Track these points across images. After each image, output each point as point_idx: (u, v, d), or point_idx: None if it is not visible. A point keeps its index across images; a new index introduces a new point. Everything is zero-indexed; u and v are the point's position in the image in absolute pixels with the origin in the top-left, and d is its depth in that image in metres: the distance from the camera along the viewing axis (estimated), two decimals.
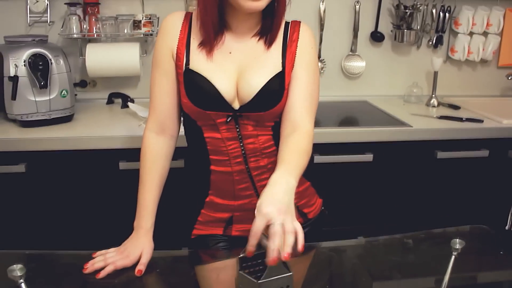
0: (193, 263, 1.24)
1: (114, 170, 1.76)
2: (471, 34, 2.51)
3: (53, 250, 1.20)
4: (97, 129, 1.84)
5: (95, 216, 1.83)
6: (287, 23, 1.25)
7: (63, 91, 1.90)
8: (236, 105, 1.19)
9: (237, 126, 1.20)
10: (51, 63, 1.86)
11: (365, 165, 1.96)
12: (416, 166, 2.02)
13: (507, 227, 2.27)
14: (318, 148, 1.78)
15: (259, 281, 0.87)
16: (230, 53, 1.20)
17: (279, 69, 1.20)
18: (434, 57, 2.41)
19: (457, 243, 1.19)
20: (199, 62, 1.18)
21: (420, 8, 2.42)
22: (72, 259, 1.16)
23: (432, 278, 1.13)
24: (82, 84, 2.27)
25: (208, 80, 1.17)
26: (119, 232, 1.18)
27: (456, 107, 2.35)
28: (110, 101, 2.25)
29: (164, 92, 1.22)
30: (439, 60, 2.40)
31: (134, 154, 1.76)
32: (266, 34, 1.21)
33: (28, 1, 2.12)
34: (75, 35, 2.12)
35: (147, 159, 1.24)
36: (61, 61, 1.90)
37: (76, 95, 2.14)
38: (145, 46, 2.27)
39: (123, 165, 1.75)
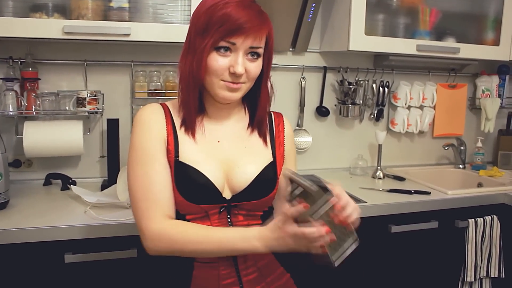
0: None
1: (59, 264, 1.58)
2: (409, 107, 2.64)
3: None
4: (36, 218, 1.65)
5: None
6: (269, 113, 1.27)
7: None
8: (227, 195, 1.15)
9: (228, 216, 1.16)
10: None
11: None
12: (372, 241, 2.01)
13: None
14: None
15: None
16: (218, 142, 1.18)
17: (270, 158, 1.21)
18: (378, 131, 2.49)
19: None
20: (188, 153, 1.13)
21: (362, 83, 2.51)
22: None
23: None
24: (16, 163, 2.08)
25: (200, 172, 1.11)
26: None
27: (401, 179, 2.41)
28: (47, 182, 2.07)
29: (167, 184, 1.12)
30: (383, 134, 2.48)
31: (81, 245, 1.61)
32: (253, 125, 1.22)
33: None
34: (11, 113, 1.95)
35: (181, 230, 1.08)
36: None
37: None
38: (87, 123, 2.14)
39: (69, 258, 1.58)
